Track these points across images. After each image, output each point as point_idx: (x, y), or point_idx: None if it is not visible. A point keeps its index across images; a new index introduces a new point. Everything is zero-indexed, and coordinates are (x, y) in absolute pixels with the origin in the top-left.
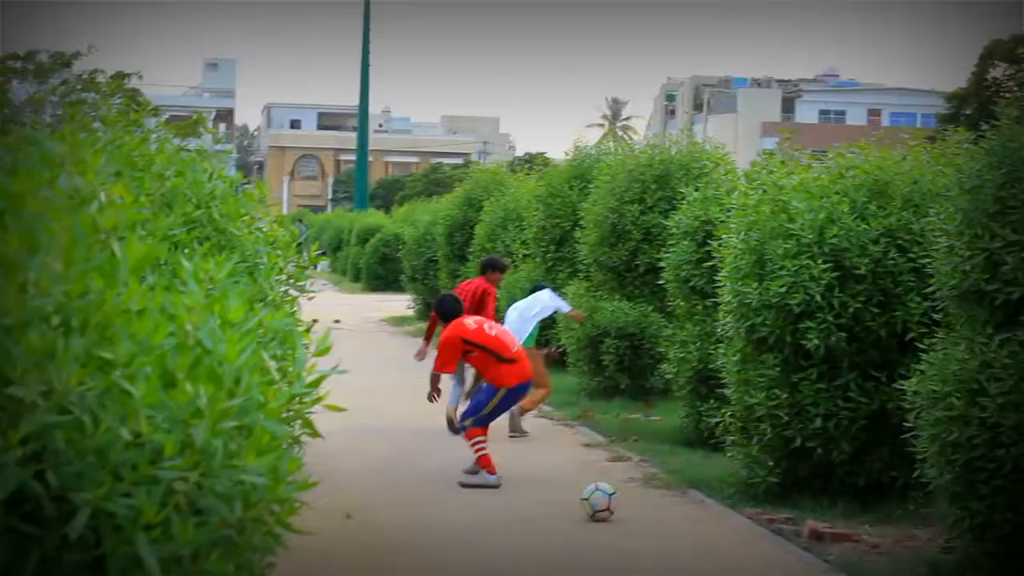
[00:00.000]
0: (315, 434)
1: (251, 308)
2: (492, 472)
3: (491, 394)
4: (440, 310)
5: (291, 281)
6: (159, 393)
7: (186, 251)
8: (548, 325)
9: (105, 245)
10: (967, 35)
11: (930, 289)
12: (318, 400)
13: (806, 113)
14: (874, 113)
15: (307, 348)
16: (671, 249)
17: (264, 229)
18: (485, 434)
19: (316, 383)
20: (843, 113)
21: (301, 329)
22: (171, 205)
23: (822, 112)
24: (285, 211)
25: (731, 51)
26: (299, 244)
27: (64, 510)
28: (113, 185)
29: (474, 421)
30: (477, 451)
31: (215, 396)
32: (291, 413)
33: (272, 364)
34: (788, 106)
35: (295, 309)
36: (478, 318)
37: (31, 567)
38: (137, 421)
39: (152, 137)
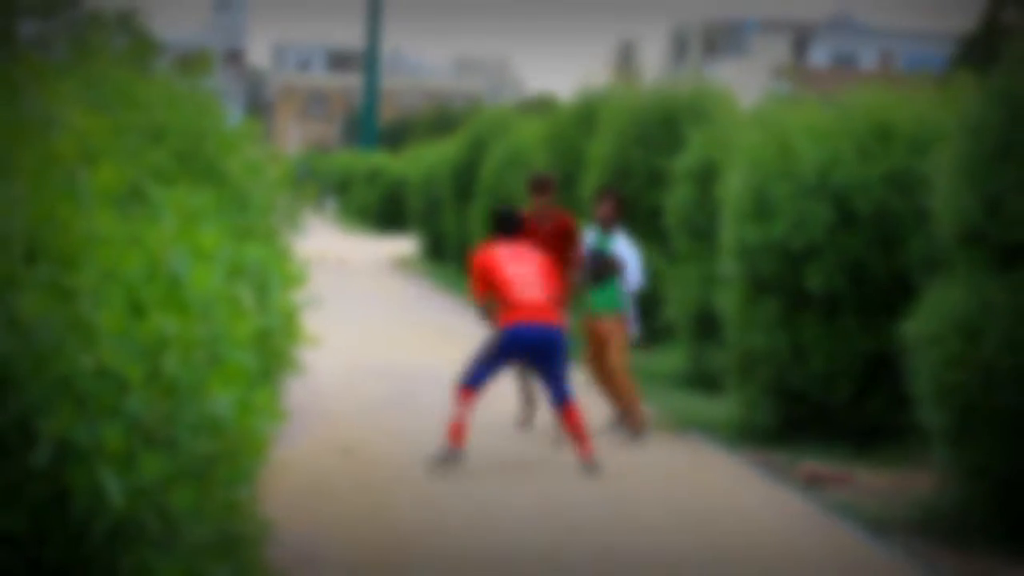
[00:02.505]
0: (292, 367)
1: (236, 241)
2: (454, 444)
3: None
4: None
5: (284, 218)
6: (125, 322)
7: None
8: None
9: (71, 173)
10: None
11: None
12: (295, 333)
13: (819, 56)
14: (888, 57)
15: (293, 284)
16: (674, 191)
17: (257, 166)
18: (468, 398)
19: (290, 315)
20: (856, 57)
21: (292, 265)
22: (159, 138)
23: (834, 56)
24: (294, 152)
25: None
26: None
27: (27, 440)
28: (84, 113)
29: (464, 378)
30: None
31: (183, 326)
32: (266, 346)
33: (248, 295)
34: (800, 49)
35: (284, 245)
36: (518, 248)
37: None
38: (100, 350)
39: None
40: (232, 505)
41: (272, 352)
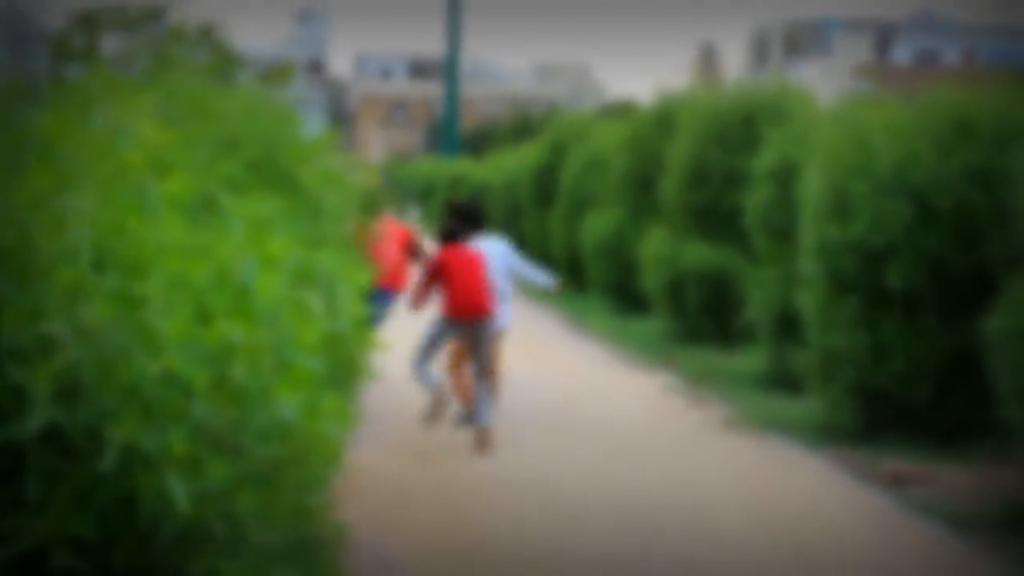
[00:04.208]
0: (364, 373)
1: (306, 248)
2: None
3: None
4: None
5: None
6: (191, 329)
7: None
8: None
9: (141, 183)
10: None
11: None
12: (367, 340)
13: (901, 55)
14: (971, 54)
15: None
16: (753, 191)
17: (332, 175)
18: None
19: (359, 321)
20: (939, 54)
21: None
22: (233, 148)
23: (917, 54)
24: (377, 160)
25: None
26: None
27: (96, 446)
28: (156, 125)
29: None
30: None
31: (249, 332)
32: (334, 352)
33: (316, 302)
34: (882, 48)
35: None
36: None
37: (63, 502)
38: (166, 357)
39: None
40: (302, 510)
41: (342, 357)
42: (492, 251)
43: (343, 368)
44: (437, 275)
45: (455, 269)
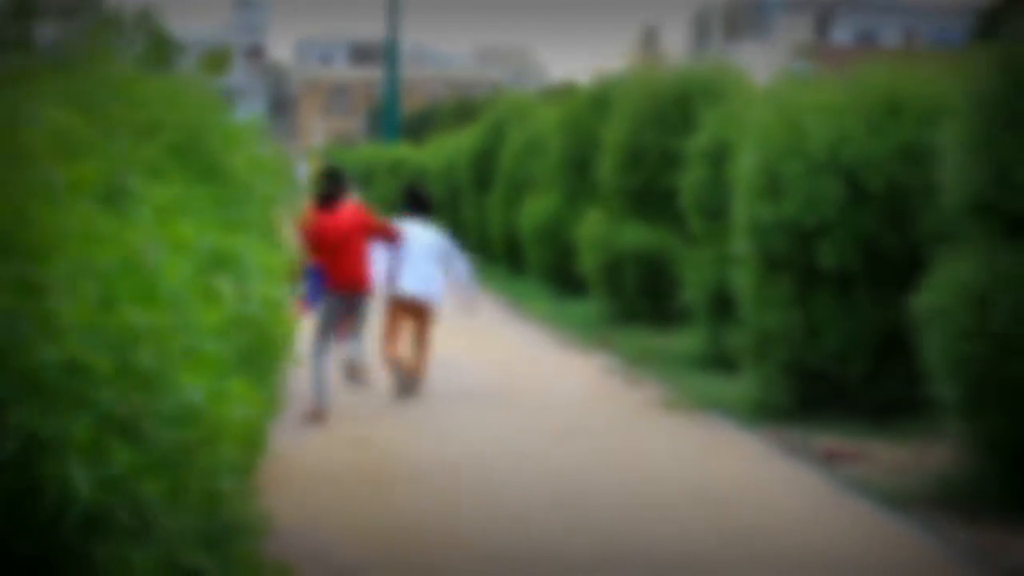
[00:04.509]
0: (285, 357)
1: (228, 234)
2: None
3: None
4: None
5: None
6: (94, 315)
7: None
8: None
9: (43, 169)
10: None
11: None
12: (283, 323)
13: (841, 35)
14: (911, 34)
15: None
16: (688, 172)
17: (261, 160)
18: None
19: (275, 305)
20: (879, 34)
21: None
22: (153, 134)
23: (857, 34)
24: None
25: None
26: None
27: None
28: (67, 111)
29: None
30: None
31: (153, 317)
32: (248, 337)
33: (226, 286)
34: (822, 28)
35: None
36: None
37: None
38: (67, 343)
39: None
40: (214, 495)
41: (258, 342)
42: (426, 237)
43: (260, 353)
44: (315, 246)
45: (332, 240)
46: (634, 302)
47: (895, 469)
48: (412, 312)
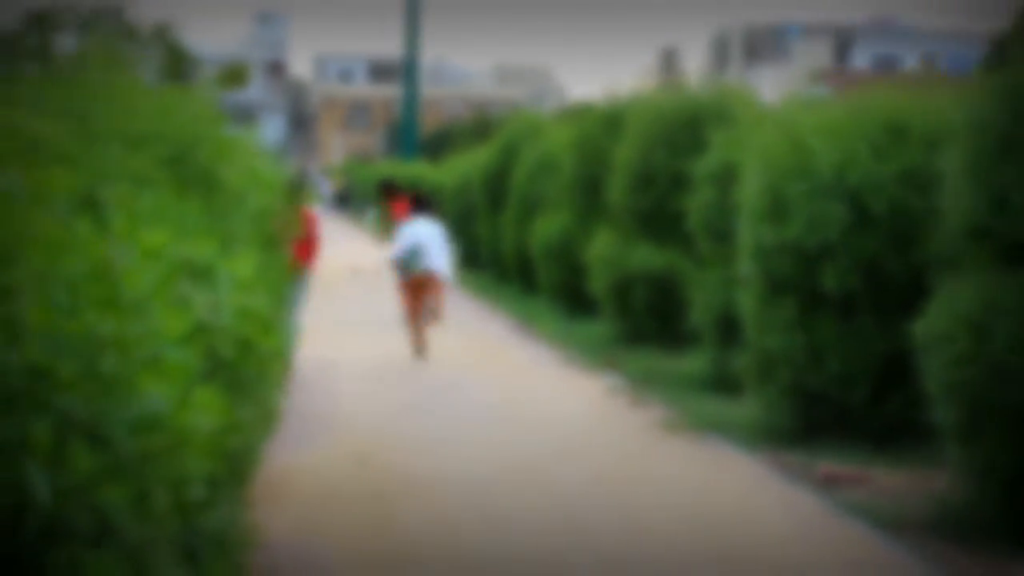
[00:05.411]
0: (274, 370)
1: (222, 246)
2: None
3: None
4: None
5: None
6: (56, 320)
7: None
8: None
9: (8, 174)
10: None
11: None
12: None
13: (860, 60)
14: (930, 59)
15: (247, 285)
16: (696, 194)
17: (256, 172)
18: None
19: (250, 314)
20: (898, 60)
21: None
22: (144, 145)
23: (876, 59)
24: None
25: None
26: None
27: None
28: (46, 119)
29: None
30: None
31: (118, 324)
32: (209, 345)
33: (198, 295)
34: (842, 53)
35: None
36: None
37: None
38: (27, 348)
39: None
40: (184, 506)
41: (235, 354)
42: (430, 229)
43: (240, 366)
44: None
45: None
46: (643, 323)
47: (895, 494)
48: (427, 284)
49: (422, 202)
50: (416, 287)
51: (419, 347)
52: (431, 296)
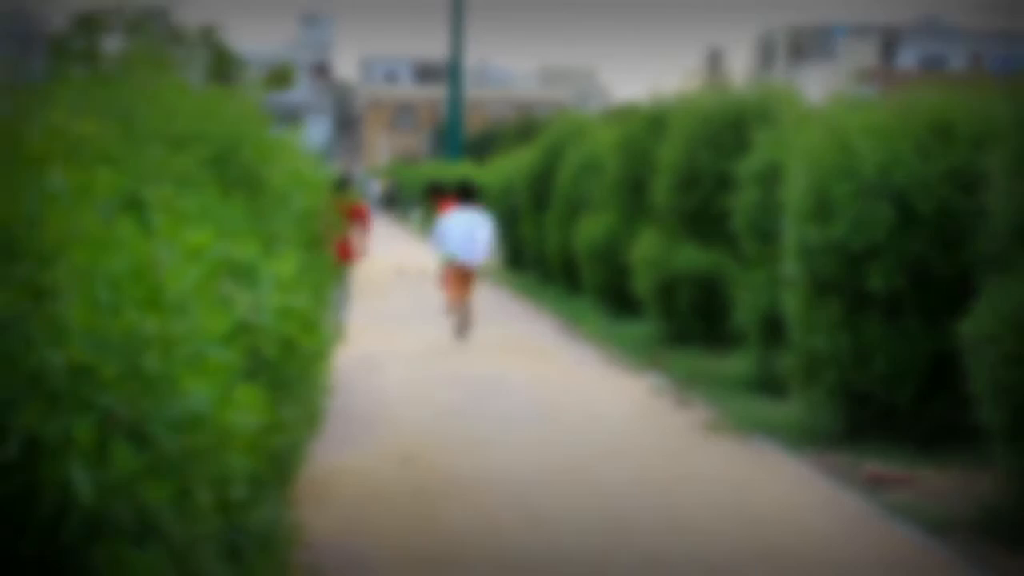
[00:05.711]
0: (310, 371)
1: (264, 246)
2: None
3: None
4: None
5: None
6: (100, 319)
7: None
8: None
9: (53, 174)
10: None
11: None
12: (301, 332)
13: (907, 59)
14: (977, 58)
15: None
16: (741, 194)
17: (300, 173)
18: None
19: (290, 314)
20: (945, 59)
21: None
22: (187, 146)
23: (923, 59)
24: (382, 163)
25: None
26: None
27: None
28: (90, 120)
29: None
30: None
31: (160, 322)
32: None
33: (240, 294)
34: (888, 53)
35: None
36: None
37: None
38: (71, 347)
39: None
40: (227, 504)
41: (276, 353)
42: (472, 218)
43: (283, 365)
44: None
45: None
46: (688, 323)
47: (941, 495)
48: (464, 275)
49: (467, 193)
50: (456, 276)
51: (461, 329)
52: (467, 282)
